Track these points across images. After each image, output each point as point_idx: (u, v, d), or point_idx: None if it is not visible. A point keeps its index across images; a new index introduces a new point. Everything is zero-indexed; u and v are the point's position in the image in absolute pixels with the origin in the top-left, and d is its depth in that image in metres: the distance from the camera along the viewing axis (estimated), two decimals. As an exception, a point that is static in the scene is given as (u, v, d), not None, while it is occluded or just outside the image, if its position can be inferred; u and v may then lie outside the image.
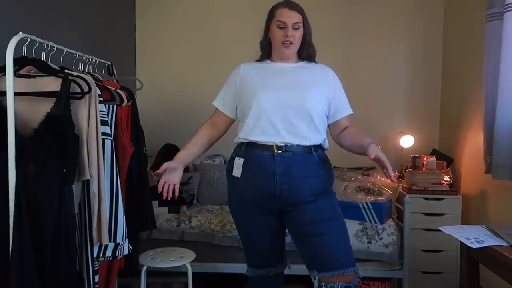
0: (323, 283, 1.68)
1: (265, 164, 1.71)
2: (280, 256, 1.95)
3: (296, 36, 1.76)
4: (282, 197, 1.71)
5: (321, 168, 1.76)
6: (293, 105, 1.72)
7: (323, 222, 1.70)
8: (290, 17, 1.73)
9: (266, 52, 1.86)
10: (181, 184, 3.14)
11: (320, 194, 1.73)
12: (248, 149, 1.75)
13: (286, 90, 1.74)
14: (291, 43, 1.75)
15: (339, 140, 1.86)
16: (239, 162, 1.76)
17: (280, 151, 1.70)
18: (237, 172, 1.76)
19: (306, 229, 1.71)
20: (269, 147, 1.71)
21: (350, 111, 1.88)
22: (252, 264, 1.95)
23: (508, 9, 2.03)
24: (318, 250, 1.70)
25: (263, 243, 1.86)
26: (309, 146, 1.74)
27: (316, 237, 1.69)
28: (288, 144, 1.71)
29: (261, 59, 1.89)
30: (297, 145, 1.71)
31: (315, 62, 1.88)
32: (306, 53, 1.83)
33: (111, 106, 1.96)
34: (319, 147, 1.78)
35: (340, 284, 1.65)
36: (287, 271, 2.01)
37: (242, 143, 1.78)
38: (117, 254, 1.80)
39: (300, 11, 1.77)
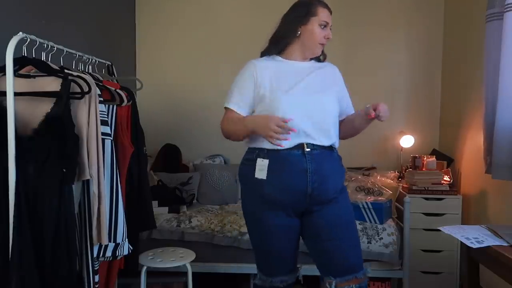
0: None
1: (296, 163, 1.68)
2: (294, 263, 1.88)
3: None
4: (312, 195, 1.69)
5: (341, 165, 1.82)
6: (316, 108, 1.72)
7: (342, 225, 1.73)
8: (330, 18, 1.77)
9: (281, 47, 1.78)
10: (181, 184, 3.16)
11: (340, 191, 1.76)
12: (273, 150, 1.69)
13: (309, 93, 1.73)
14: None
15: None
16: (263, 163, 1.69)
17: (309, 149, 1.69)
18: (261, 174, 1.70)
19: (325, 231, 1.72)
20: (298, 146, 1.69)
21: (353, 111, 1.90)
22: (266, 271, 1.85)
23: (508, 9, 2.03)
24: (336, 254, 1.72)
25: (283, 246, 1.79)
26: (330, 145, 1.76)
27: (334, 241, 1.71)
28: (315, 143, 1.71)
29: (269, 53, 1.81)
30: (322, 144, 1.72)
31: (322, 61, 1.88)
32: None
33: (111, 106, 1.95)
34: (334, 145, 1.80)
35: (354, 285, 1.70)
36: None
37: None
38: (117, 254, 1.80)
39: None
